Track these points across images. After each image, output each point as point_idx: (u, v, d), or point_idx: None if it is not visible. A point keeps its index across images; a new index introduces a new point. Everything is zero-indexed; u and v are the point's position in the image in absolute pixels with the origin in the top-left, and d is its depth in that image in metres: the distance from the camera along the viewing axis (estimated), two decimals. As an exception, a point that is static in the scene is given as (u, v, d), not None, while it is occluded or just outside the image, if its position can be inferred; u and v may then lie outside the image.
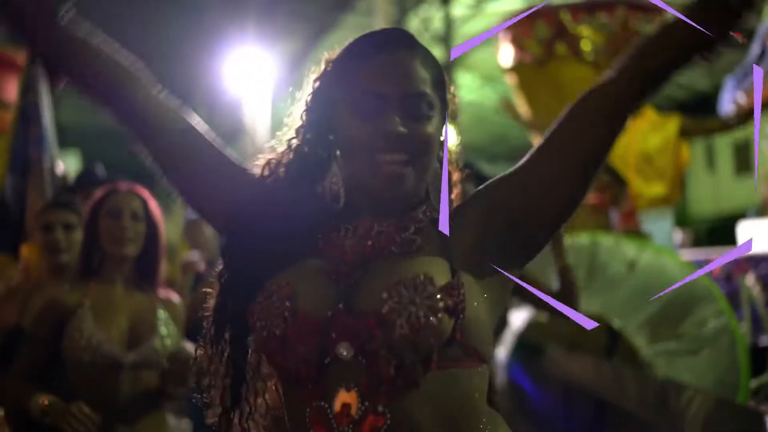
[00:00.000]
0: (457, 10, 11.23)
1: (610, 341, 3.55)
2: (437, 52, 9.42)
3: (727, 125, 4.48)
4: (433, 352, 1.00)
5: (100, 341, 2.14)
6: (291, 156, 1.17)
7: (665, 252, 3.70)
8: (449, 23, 8.87)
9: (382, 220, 1.12)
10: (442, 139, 1.16)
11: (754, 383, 3.55)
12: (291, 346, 1.04)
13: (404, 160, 1.08)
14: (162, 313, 2.27)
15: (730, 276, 5.06)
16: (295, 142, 1.17)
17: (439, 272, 1.04)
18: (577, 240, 3.78)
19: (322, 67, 1.18)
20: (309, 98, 1.18)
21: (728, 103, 8.06)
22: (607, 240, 3.71)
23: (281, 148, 1.19)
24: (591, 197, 4.02)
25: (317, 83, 1.17)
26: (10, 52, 7.94)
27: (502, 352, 3.75)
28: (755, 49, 6.92)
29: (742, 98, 7.28)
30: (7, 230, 3.53)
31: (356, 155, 1.10)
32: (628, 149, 4.61)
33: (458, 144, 1.27)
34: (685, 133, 4.55)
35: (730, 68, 11.57)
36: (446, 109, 1.17)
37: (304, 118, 1.18)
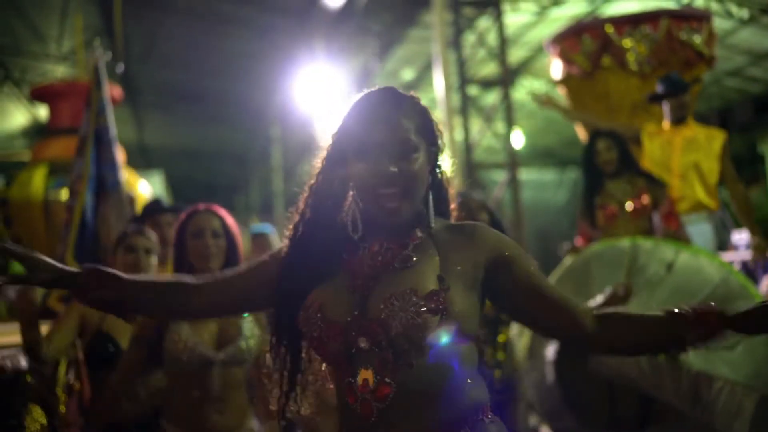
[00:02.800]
0: (521, 18, 11.39)
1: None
2: (493, 64, 9.65)
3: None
4: (423, 341, 1.38)
5: (195, 343, 2.53)
6: (314, 197, 1.55)
7: (702, 253, 3.85)
8: (503, 34, 9.06)
9: (390, 239, 1.49)
10: (429, 170, 1.50)
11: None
12: (326, 343, 1.45)
13: (398, 193, 1.43)
14: (247, 317, 2.63)
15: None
16: (315, 184, 1.56)
17: (427, 282, 1.40)
18: (618, 243, 3.98)
19: (336, 124, 1.54)
20: (327, 149, 1.55)
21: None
22: (646, 243, 3.89)
23: (305, 196, 1.58)
24: (630, 204, 4.22)
25: (332, 138, 1.54)
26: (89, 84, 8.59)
27: (550, 349, 3.98)
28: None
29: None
30: (86, 246, 3.89)
31: (362, 191, 1.47)
32: (671, 157, 4.74)
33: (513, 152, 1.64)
34: (721, 161, 4.68)
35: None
36: (434, 144, 1.51)
37: (322, 164, 1.55)
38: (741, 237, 7.30)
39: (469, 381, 1.44)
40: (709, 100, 13.48)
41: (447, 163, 1.57)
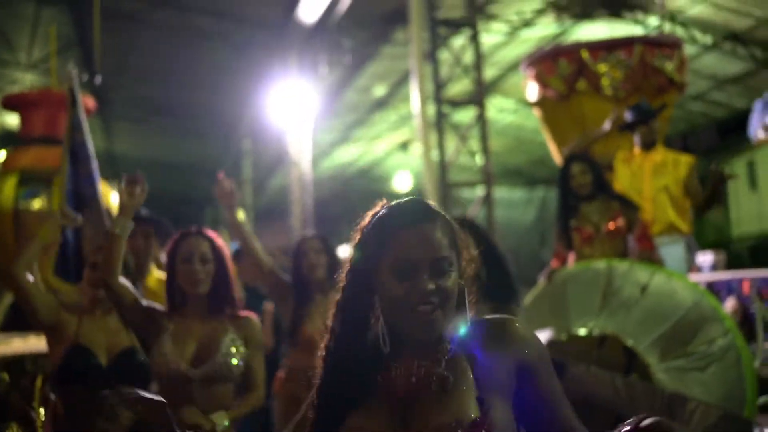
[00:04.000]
0: (491, 38, 11.58)
1: (627, 359, 3.82)
2: (465, 82, 9.79)
3: (709, 204, 4.69)
4: None
5: (174, 360, 2.56)
6: (342, 313, 1.50)
7: (676, 276, 3.96)
8: (479, 53, 9.21)
9: (420, 354, 1.43)
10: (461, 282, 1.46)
11: (763, 399, 3.79)
12: None
13: (434, 308, 1.39)
14: (230, 334, 2.66)
15: (761, 295, 5.28)
16: (342, 300, 1.51)
17: (468, 409, 1.36)
18: (593, 265, 4.07)
19: (357, 235, 1.50)
20: (354, 261, 1.50)
21: (757, 126, 8.25)
22: (621, 265, 3.99)
23: (332, 312, 1.52)
24: (607, 226, 4.32)
25: (359, 250, 1.49)
26: (64, 93, 8.51)
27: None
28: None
29: (770, 123, 7.48)
30: (67, 262, 3.87)
31: (397, 308, 1.41)
32: (642, 181, 4.89)
33: (490, 171, 1.58)
34: (686, 186, 4.81)
35: (767, 86, 11.68)
36: (460, 257, 1.48)
37: (351, 268, 1.50)
38: (705, 259, 7.50)
39: None
40: (674, 124, 13.79)
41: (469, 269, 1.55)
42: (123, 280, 2.74)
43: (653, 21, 11.25)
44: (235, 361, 2.65)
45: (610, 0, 11.24)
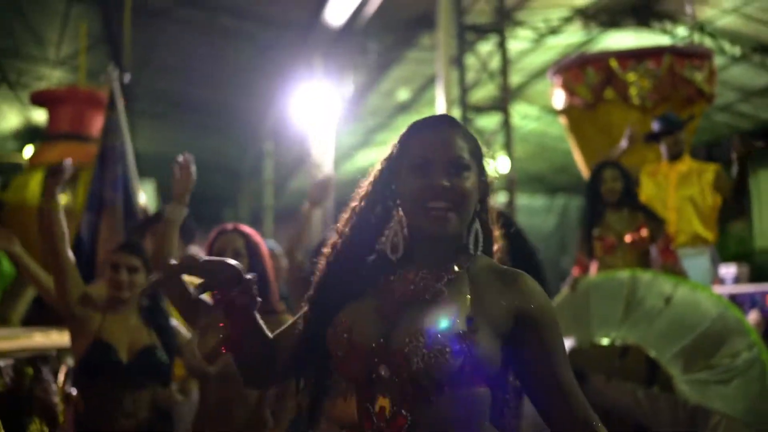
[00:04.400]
0: (517, 45, 11.55)
1: (649, 370, 3.79)
2: (490, 88, 9.77)
3: (741, 187, 4.51)
4: (443, 379, 1.37)
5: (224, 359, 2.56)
6: (357, 218, 1.56)
7: (700, 287, 3.92)
8: (506, 59, 9.19)
9: (427, 268, 1.48)
10: (479, 196, 1.51)
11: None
12: (350, 364, 1.46)
13: (448, 207, 1.44)
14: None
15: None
16: (359, 206, 1.57)
17: (459, 320, 1.39)
18: (617, 275, 4.05)
19: (391, 147, 1.58)
20: (380, 167, 1.58)
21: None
22: (645, 275, 3.95)
23: (346, 216, 1.58)
24: (629, 236, 4.29)
25: (386, 158, 1.58)
26: (95, 90, 8.61)
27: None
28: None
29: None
30: (81, 263, 3.90)
31: (411, 204, 1.48)
32: (667, 191, 4.85)
33: (513, 177, 1.61)
34: (717, 188, 4.75)
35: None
36: (483, 173, 1.53)
37: (374, 179, 1.58)
38: (728, 271, 7.42)
39: (482, 427, 1.43)
40: (699, 134, 13.69)
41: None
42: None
43: (682, 31, 11.16)
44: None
45: (639, 9, 11.16)
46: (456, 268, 1.48)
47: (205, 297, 2.71)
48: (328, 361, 1.54)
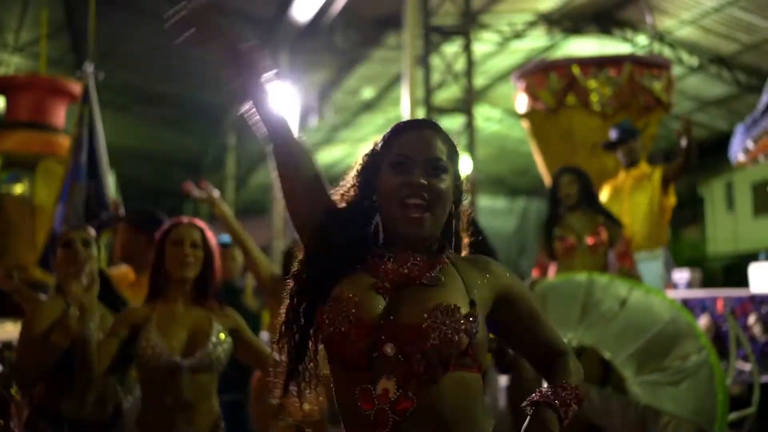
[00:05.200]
0: (482, 47, 11.68)
1: (603, 372, 3.88)
2: (457, 88, 9.87)
3: (683, 168, 4.85)
4: (452, 359, 1.40)
5: (163, 349, 2.56)
6: (350, 195, 1.60)
7: (654, 291, 4.02)
8: (471, 62, 9.29)
9: (415, 254, 1.52)
10: (453, 199, 1.57)
11: (733, 415, 3.86)
12: (352, 341, 1.43)
13: (424, 205, 1.49)
14: (216, 324, 2.67)
15: (734, 314, 5.37)
16: (351, 191, 1.61)
17: (462, 303, 1.45)
18: (574, 278, 4.13)
19: (372, 144, 1.62)
20: (362, 163, 1.61)
21: (738, 149, 8.39)
22: (602, 279, 4.04)
23: (343, 190, 1.62)
24: (589, 239, 4.39)
25: (368, 155, 1.61)
26: (57, 79, 8.47)
27: (503, 379, 4.08)
28: (764, 99, 7.28)
29: (751, 145, 7.62)
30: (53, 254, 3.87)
31: (390, 201, 1.52)
32: (621, 195, 4.99)
33: (475, 178, 1.68)
34: (665, 180, 4.93)
35: (749, 110, 11.92)
36: (458, 178, 1.59)
37: (358, 175, 1.61)
38: (681, 276, 7.60)
39: (481, 409, 1.48)
40: (656, 142, 13.98)
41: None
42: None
43: (642, 40, 11.41)
44: (224, 351, 2.65)
45: (601, 16, 11.38)
46: (444, 258, 1.54)
47: None
48: (308, 337, 1.55)
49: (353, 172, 1.62)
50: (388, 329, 1.42)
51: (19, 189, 7.13)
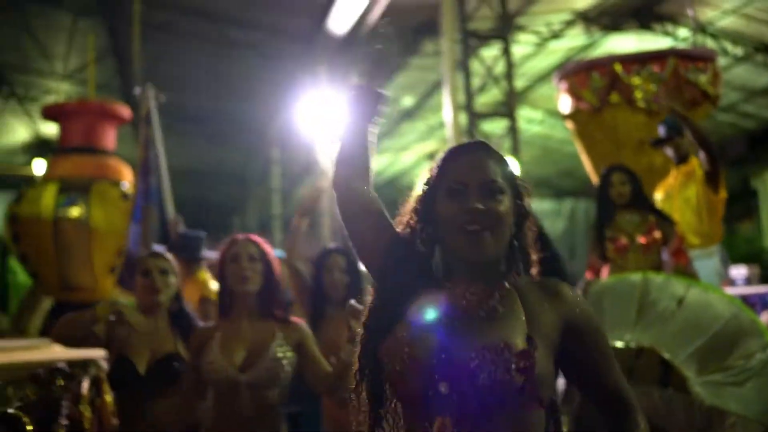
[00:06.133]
0: (520, 49, 11.62)
1: (663, 372, 3.82)
2: (498, 92, 9.84)
3: (710, 158, 4.66)
4: (506, 398, 1.38)
5: (222, 365, 2.61)
6: (408, 231, 1.59)
7: (712, 289, 3.95)
8: (510, 64, 9.26)
9: (474, 283, 1.49)
10: (515, 219, 1.53)
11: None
12: (407, 380, 1.43)
13: (483, 230, 1.47)
14: (279, 338, 2.70)
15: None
16: (410, 223, 1.60)
17: (517, 339, 1.41)
18: (629, 278, 4.08)
19: (428, 170, 1.61)
20: (420, 192, 1.60)
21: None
22: (657, 278, 3.98)
23: (403, 222, 1.61)
24: (641, 238, 4.33)
25: (425, 183, 1.60)
26: (105, 103, 8.69)
27: (561, 379, 4.04)
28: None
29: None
30: (131, 274, 4.00)
31: (449, 229, 1.50)
32: (672, 193, 4.91)
33: (526, 181, 1.65)
34: (706, 174, 4.79)
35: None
36: (519, 197, 1.56)
37: (416, 205, 1.60)
38: (739, 272, 7.45)
39: None
40: (704, 135, 13.73)
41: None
42: None
43: (683, 33, 11.22)
44: (283, 366, 2.67)
45: (640, 11, 11.22)
46: (506, 285, 1.50)
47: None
48: (382, 377, 1.53)
49: (410, 203, 1.61)
50: (440, 367, 1.40)
51: (75, 212, 7.33)
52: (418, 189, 1.61)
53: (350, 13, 10.41)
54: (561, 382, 4.11)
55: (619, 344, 3.86)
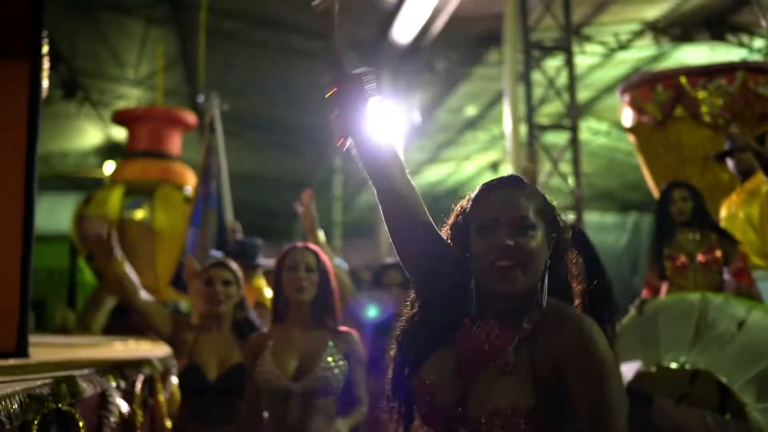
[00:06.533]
0: (586, 60, 11.44)
1: (721, 397, 3.69)
2: (560, 103, 9.70)
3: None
4: None
5: (275, 374, 2.65)
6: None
7: (775, 312, 3.80)
8: (573, 77, 9.12)
9: (501, 322, 1.49)
10: (550, 252, 1.52)
11: None
12: (430, 422, 1.49)
13: (514, 266, 1.46)
14: (331, 347, 2.72)
15: None
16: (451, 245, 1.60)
17: (527, 396, 1.40)
18: (687, 297, 3.96)
19: (461, 205, 1.61)
20: (452, 223, 1.61)
21: None
22: (716, 298, 3.85)
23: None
24: (701, 257, 4.19)
25: (457, 215, 1.60)
26: (172, 110, 8.95)
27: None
28: None
29: None
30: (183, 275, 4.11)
31: (480, 264, 1.50)
32: (734, 210, 4.73)
33: (580, 195, 1.57)
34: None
35: None
36: (553, 230, 1.54)
37: (450, 234, 1.60)
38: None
39: None
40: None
41: (572, 254, 1.57)
42: None
43: (759, 43, 10.84)
44: (335, 375, 2.70)
45: (713, 22, 10.90)
46: (525, 325, 1.48)
47: None
48: (413, 407, 1.57)
49: (447, 228, 1.62)
50: (459, 419, 1.45)
51: (139, 214, 7.57)
52: (451, 220, 1.61)
53: (415, 22, 10.46)
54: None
55: (673, 365, 3.76)
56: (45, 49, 3.82)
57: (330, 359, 2.70)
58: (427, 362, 1.53)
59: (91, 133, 15.12)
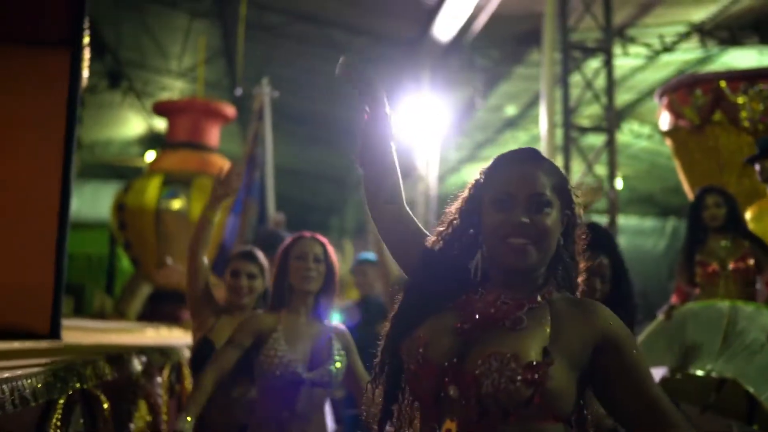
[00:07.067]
0: (629, 61, 11.28)
1: (749, 407, 3.63)
2: (596, 106, 9.58)
3: None
4: (510, 408, 1.36)
5: (290, 360, 2.65)
6: (449, 232, 1.60)
7: (806, 323, 3.72)
8: (612, 79, 9.00)
9: (509, 291, 1.48)
10: (563, 229, 1.51)
11: None
12: (420, 380, 1.47)
13: (527, 243, 1.45)
14: (336, 342, 2.75)
15: None
16: (455, 222, 1.60)
17: (530, 351, 1.38)
18: (716, 304, 3.90)
19: (477, 176, 1.60)
20: (466, 195, 1.60)
21: None
22: (747, 307, 3.78)
23: (443, 227, 1.62)
24: (733, 264, 4.12)
25: (472, 187, 1.60)
26: (211, 102, 9.06)
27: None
28: None
29: None
30: (225, 261, 4.14)
31: (492, 238, 1.49)
32: (762, 216, 4.62)
33: (615, 197, 1.57)
34: None
35: None
36: (568, 206, 1.53)
37: (462, 207, 1.60)
38: None
39: None
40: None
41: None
42: None
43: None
44: (340, 370, 2.72)
45: (762, 24, 10.65)
46: (539, 298, 1.48)
47: None
48: (401, 375, 1.55)
49: (457, 204, 1.61)
50: (451, 372, 1.41)
51: (177, 204, 7.70)
52: (466, 191, 1.61)
53: (456, 19, 10.43)
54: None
55: (700, 373, 3.70)
56: (86, 39, 3.89)
57: (338, 354, 2.72)
58: (423, 323, 1.51)
59: (134, 123, 15.39)
